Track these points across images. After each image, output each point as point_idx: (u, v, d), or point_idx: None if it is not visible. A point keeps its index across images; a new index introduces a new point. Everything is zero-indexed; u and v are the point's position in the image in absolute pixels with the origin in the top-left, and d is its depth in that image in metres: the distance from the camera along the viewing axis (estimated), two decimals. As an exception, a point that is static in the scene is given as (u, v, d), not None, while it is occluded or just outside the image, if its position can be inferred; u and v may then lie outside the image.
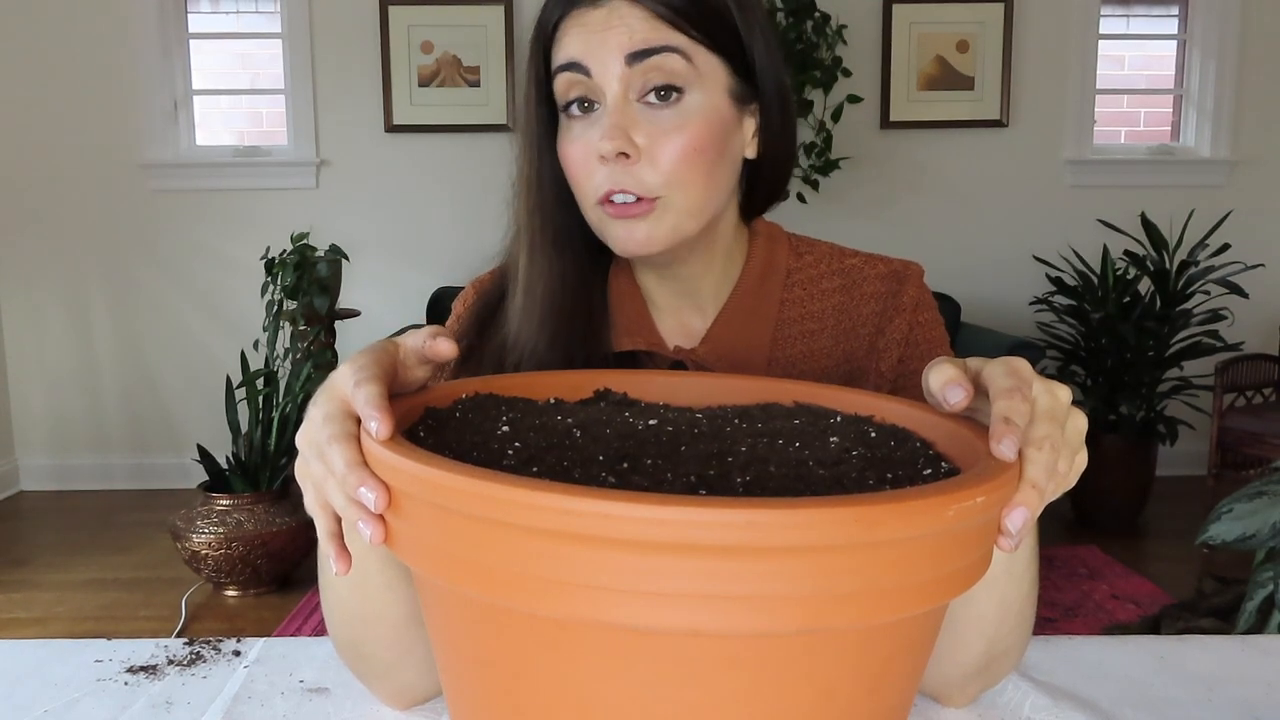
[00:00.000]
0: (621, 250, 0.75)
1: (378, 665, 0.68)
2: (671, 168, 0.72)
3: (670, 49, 0.71)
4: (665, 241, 0.74)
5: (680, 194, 0.73)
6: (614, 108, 0.72)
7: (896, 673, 0.44)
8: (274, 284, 2.88)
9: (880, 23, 3.70)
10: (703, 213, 0.75)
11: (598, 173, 0.73)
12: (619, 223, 0.73)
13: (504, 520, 0.38)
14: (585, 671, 0.41)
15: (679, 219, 0.74)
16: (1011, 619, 0.65)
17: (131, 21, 3.61)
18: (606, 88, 0.72)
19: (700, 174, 0.73)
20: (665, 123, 0.72)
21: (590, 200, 0.74)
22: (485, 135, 3.68)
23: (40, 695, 0.72)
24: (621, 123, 0.71)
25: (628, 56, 0.71)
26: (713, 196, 0.75)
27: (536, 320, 0.78)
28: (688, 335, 0.84)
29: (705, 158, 0.73)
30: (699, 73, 0.72)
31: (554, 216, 0.79)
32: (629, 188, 0.72)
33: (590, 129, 0.73)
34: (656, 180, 0.72)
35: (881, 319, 0.83)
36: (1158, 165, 3.82)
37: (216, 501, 2.66)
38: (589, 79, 0.72)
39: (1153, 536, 3.24)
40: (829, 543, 0.37)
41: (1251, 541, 1.52)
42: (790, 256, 0.85)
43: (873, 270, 0.84)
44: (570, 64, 0.73)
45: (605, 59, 0.71)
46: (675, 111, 0.72)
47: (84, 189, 3.69)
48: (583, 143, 0.73)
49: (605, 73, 0.72)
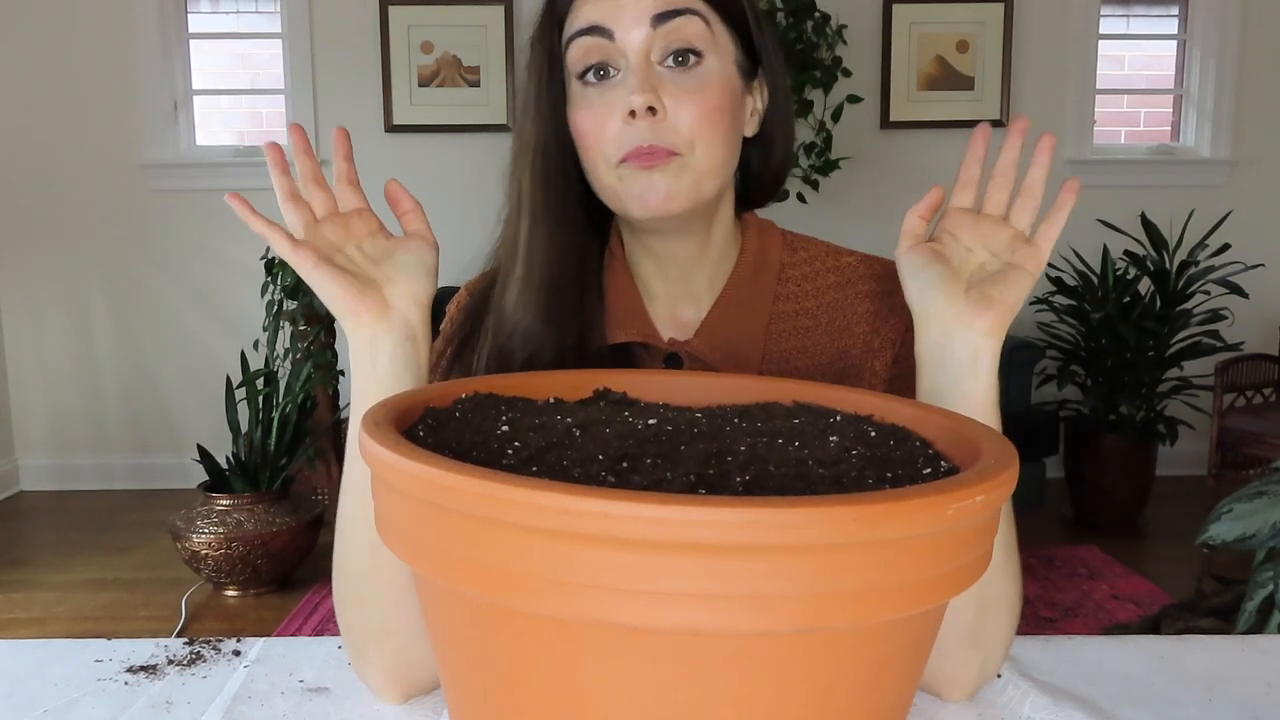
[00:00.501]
0: (641, 209, 0.75)
1: (375, 623, 0.68)
2: (695, 125, 0.74)
3: (694, 12, 0.74)
4: (685, 199, 0.75)
5: (703, 151, 0.74)
6: (639, 67, 0.73)
7: (896, 672, 0.45)
8: (274, 284, 2.88)
9: (880, 23, 3.70)
10: (719, 174, 0.77)
11: (621, 133, 0.74)
12: (642, 176, 0.74)
13: (504, 520, 0.38)
14: (585, 671, 0.41)
15: (698, 177, 0.75)
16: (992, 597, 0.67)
17: (131, 21, 3.61)
18: (629, 50, 0.74)
19: (720, 134, 0.75)
20: (687, 83, 0.74)
21: (610, 162, 0.75)
22: (485, 135, 3.68)
23: (40, 695, 0.72)
24: (650, 79, 0.73)
25: (654, 18, 0.73)
26: (728, 159, 0.78)
27: (532, 292, 0.78)
28: (681, 327, 0.84)
29: (725, 118, 0.75)
30: (715, 40, 0.75)
31: (560, 188, 0.79)
32: (655, 142, 0.73)
33: (609, 92, 0.74)
34: (682, 136, 0.74)
35: (876, 318, 0.83)
36: (1158, 165, 3.82)
37: (216, 501, 2.66)
38: (610, 43, 0.74)
39: (1153, 536, 3.24)
40: (828, 542, 0.37)
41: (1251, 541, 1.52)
42: (784, 251, 0.86)
43: (868, 269, 0.85)
44: (591, 28, 0.74)
45: (629, 21, 0.73)
46: (695, 75, 0.74)
47: (84, 189, 3.69)
48: (601, 106, 0.74)
49: (628, 35, 0.73)
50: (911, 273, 0.69)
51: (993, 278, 0.67)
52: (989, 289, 0.66)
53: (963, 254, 0.69)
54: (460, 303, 0.87)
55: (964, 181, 0.71)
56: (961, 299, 0.66)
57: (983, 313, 0.65)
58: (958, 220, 0.70)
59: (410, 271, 0.69)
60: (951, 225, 0.70)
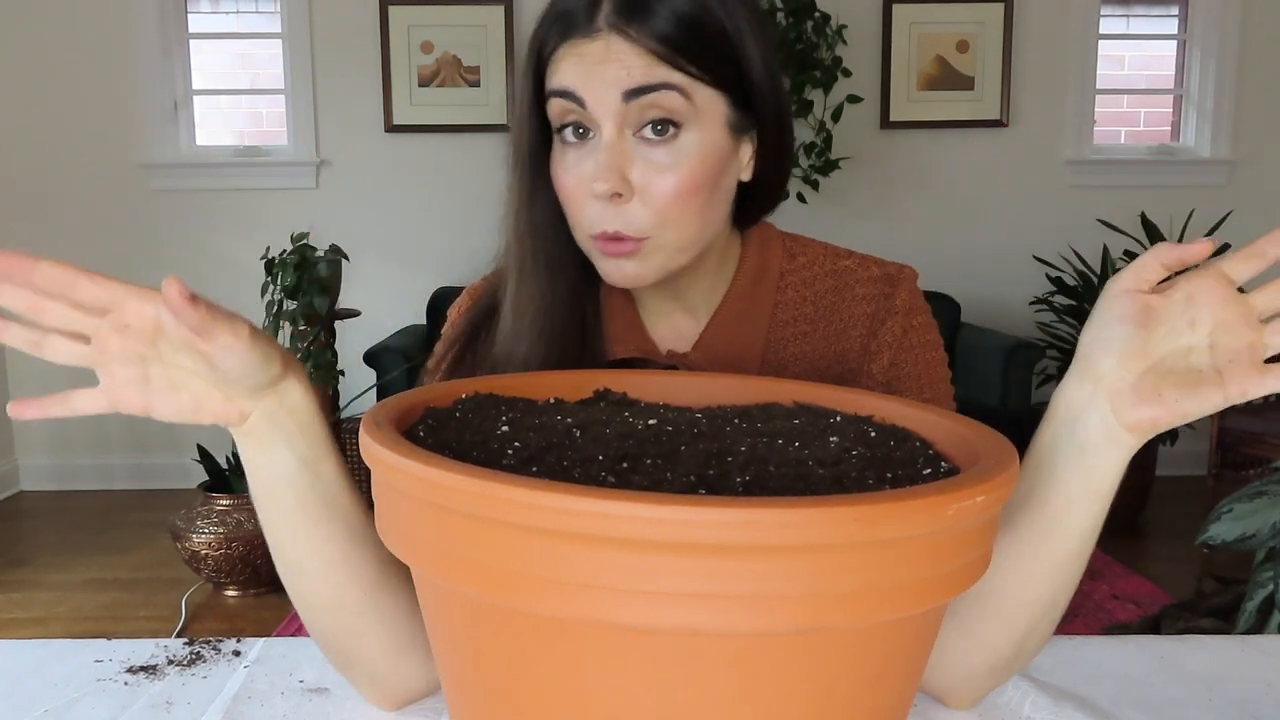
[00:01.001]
0: (611, 282, 0.75)
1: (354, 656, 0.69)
2: (664, 206, 0.71)
3: (669, 86, 0.69)
4: (655, 276, 0.74)
5: (672, 232, 0.72)
6: (608, 145, 0.70)
7: (896, 672, 0.45)
8: (274, 284, 2.87)
9: (880, 23, 3.70)
10: (694, 247, 0.75)
11: (590, 207, 0.72)
12: (609, 260, 0.73)
13: (504, 520, 0.38)
14: (585, 671, 0.41)
15: (669, 255, 0.73)
16: (1059, 605, 0.66)
17: (131, 21, 3.61)
18: (602, 121, 0.70)
19: (693, 213, 0.72)
20: (660, 160, 0.70)
21: (583, 232, 0.74)
22: (485, 135, 3.68)
23: (40, 695, 0.72)
24: (616, 161, 0.70)
25: (625, 93, 0.69)
26: (705, 231, 0.75)
27: (526, 344, 0.78)
28: (680, 340, 0.83)
29: (699, 197, 0.72)
30: (697, 109, 0.71)
31: (546, 239, 0.78)
32: (619, 229, 0.71)
33: (584, 160, 0.72)
34: (648, 220, 0.71)
35: (874, 321, 0.83)
36: (1158, 165, 3.82)
37: (216, 501, 2.66)
38: (583, 109, 0.71)
39: (1153, 536, 3.24)
40: (828, 542, 0.37)
41: (1251, 541, 1.52)
42: (784, 258, 0.85)
43: (866, 272, 0.84)
44: (565, 92, 0.71)
45: (601, 93, 0.69)
46: (671, 149, 0.70)
47: (84, 189, 3.69)
48: (576, 174, 0.72)
49: (600, 107, 0.70)
50: (1103, 318, 0.59)
51: (1183, 377, 0.57)
52: (1169, 388, 0.57)
53: (1179, 326, 0.58)
54: (462, 307, 0.86)
55: (1253, 253, 0.58)
56: (1132, 379, 0.58)
57: (1143, 408, 0.58)
58: (1209, 289, 0.58)
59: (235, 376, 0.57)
60: (1197, 290, 0.58)
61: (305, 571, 0.67)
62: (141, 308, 0.56)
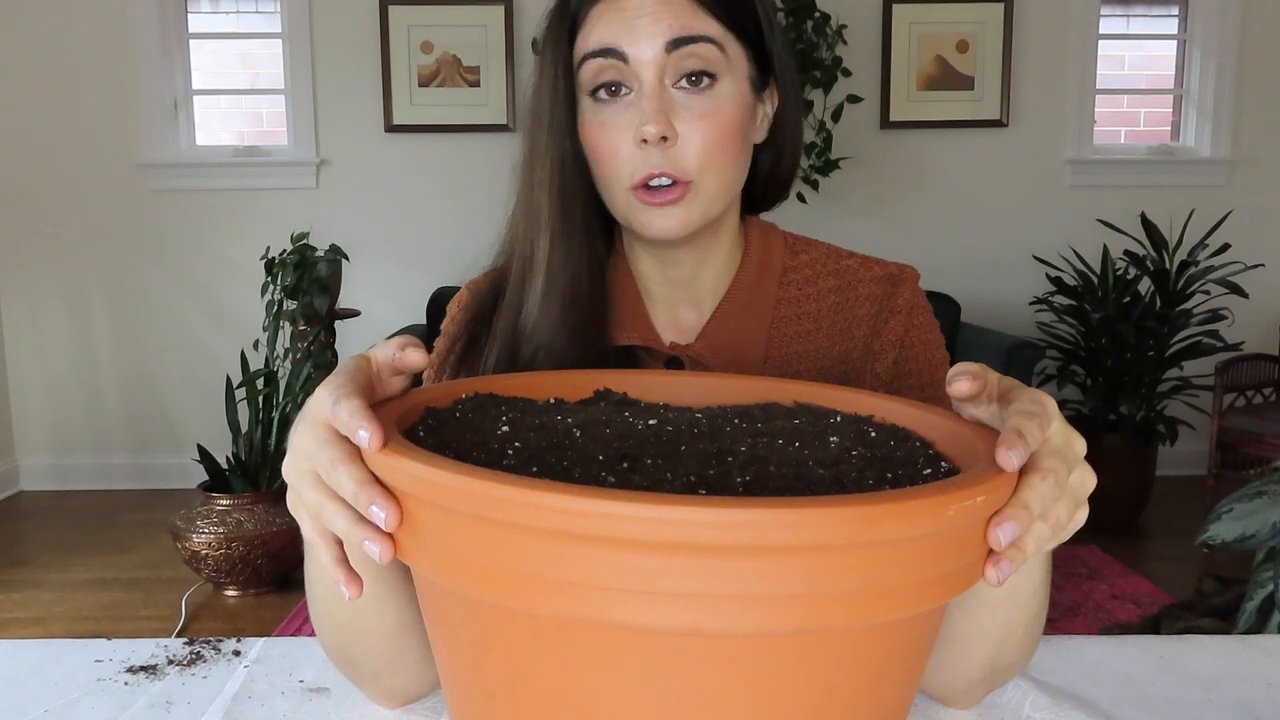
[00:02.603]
0: (653, 235, 0.76)
1: (367, 670, 0.68)
2: (706, 152, 0.73)
3: (707, 39, 0.73)
4: (696, 225, 0.76)
5: (712, 178, 0.75)
6: (652, 92, 0.73)
7: (896, 672, 0.45)
8: (274, 284, 2.88)
9: (880, 23, 3.70)
10: (728, 195, 0.77)
11: (633, 157, 0.73)
12: (653, 209, 0.74)
13: (504, 520, 0.38)
14: (585, 671, 0.41)
15: (709, 203, 0.75)
16: (1015, 638, 0.64)
17: (131, 21, 3.61)
18: (643, 73, 0.73)
19: (729, 159, 0.75)
20: (700, 108, 0.73)
21: (622, 185, 0.75)
22: (485, 135, 3.68)
23: (40, 695, 0.72)
24: (663, 107, 0.72)
25: (668, 43, 0.72)
26: (737, 179, 0.78)
27: (556, 310, 0.77)
28: (682, 331, 0.84)
29: (734, 143, 0.75)
30: (729, 61, 0.74)
31: (579, 200, 0.79)
32: (667, 170, 0.73)
33: (622, 114, 0.74)
34: (693, 163, 0.73)
35: (877, 321, 0.83)
36: (1158, 165, 3.82)
37: (216, 501, 2.66)
38: (624, 64, 0.73)
39: (1153, 536, 3.24)
40: (829, 542, 0.37)
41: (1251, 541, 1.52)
42: (786, 254, 0.85)
43: (869, 272, 0.84)
44: (605, 50, 0.73)
45: (644, 44, 0.72)
46: (708, 97, 0.74)
47: (84, 189, 3.69)
48: (614, 128, 0.74)
49: (642, 58, 0.72)
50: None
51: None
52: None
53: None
54: (463, 301, 0.86)
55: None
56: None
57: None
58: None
59: None
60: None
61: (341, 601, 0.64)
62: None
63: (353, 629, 0.65)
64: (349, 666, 0.69)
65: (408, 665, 0.67)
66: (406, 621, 0.65)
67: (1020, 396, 0.49)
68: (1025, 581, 0.61)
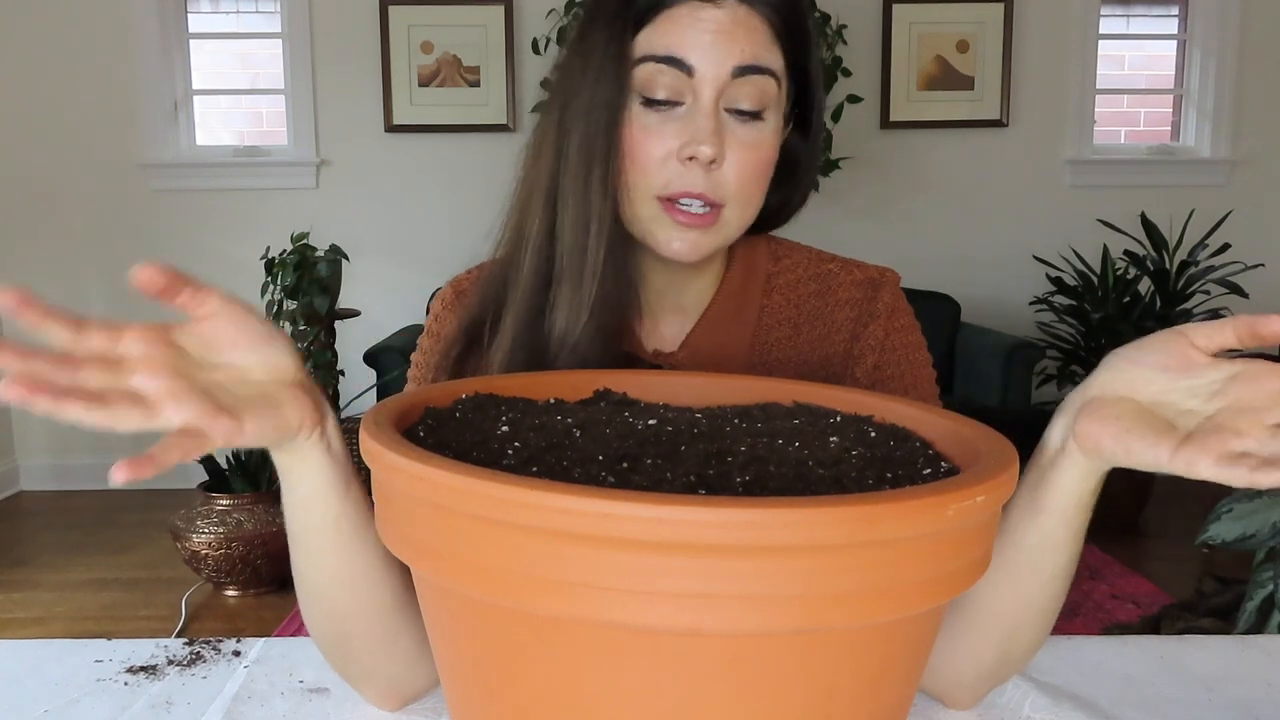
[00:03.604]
0: (666, 251, 0.74)
1: (363, 662, 0.68)
2: (742, 181, 0.73)
3: (771, 73, 0.72)
4: (710, 252, 0.75)
5: (739, 208, 0.74)
6: (710, 112, 0.71)
7: (896, 672, 0.45)
8: (274, 284, 2.87)
9: (880, 23, 3.70)
10: (746, 227, 0.77)
11: (670, 168, 0.72)
12: (676, 228, 0.73)
13: (504, 520, 0.38)
14: (585, 671, 0.41)
15: (728, 232, 0.75)
16: (1030, 622, 0.65)
17: (131, 21, 3.61)
18: (703, 90, 0.71)
19: (759, 192, 0.75)
20: (747, 137, 0.73)
21: (650, 193, 0.73)
22: (485, 135, 3.68)
23: (40, 695, 0.72)
24: (718, 129, 0.71)
25: (736, 68, 0.71)
26: (753, 217, 0.77)
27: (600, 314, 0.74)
28: (665, 340, 0.83)
29: (764, 179, 0.75)
30: (780, 97, 0.74)
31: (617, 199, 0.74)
32: (706, 192, 0.72)
33: (670, 123, 0.72)
34: (729, 191, 0.73)
35: (857, 324, 0.83)
36: (1158, 165, 3.82)
37: (216, 501, 2.66)
38: (686, 77, 0.71)
39: (1153, 536, 3.24)
40: (829, 542, 0.37)
41: (1251, 541, 1.52)
42: (769, 261, 0.85)
43: (848, 276, 0.84)
44: (671, 58, 0.71)
45: (712, 63, 0.70)
46: (756, 129, 0.73)
47: (84, 189, 3.69)
48: (658, 134, 0.72)
49: (706, 76, 0.71)
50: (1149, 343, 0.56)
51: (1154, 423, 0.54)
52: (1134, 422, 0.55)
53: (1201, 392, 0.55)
54: (446, 300, 0.84)
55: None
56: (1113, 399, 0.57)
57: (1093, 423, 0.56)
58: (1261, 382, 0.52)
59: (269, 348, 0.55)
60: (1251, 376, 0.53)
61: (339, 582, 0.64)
62: (144, 331, 0.49)
63: (346, 612, 0.65)
64: (346, 663, 0.68)
65: (403, 652, 0.67)
66: (399, 598, 0.65)
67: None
68: (1053, 558, 0.61)
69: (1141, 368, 0.56)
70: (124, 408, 0.46)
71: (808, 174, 0.83)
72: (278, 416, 0.54)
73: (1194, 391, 0.55)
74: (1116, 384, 0.57)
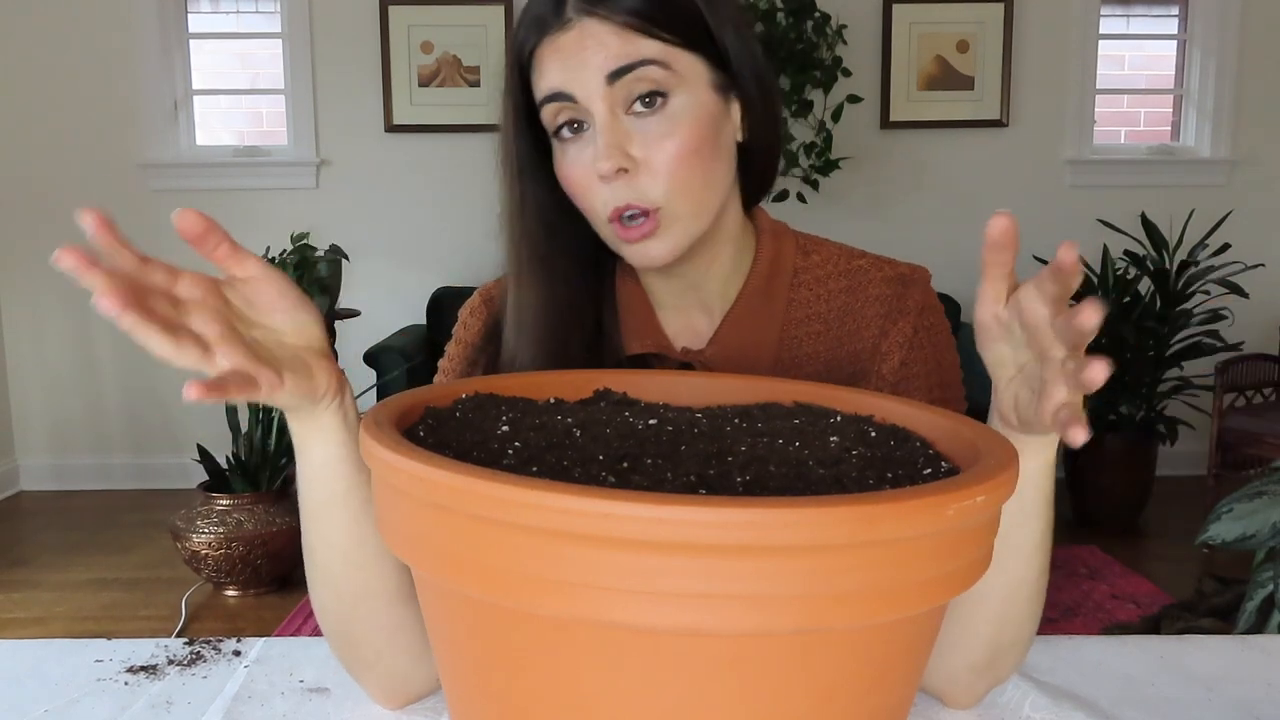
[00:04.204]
0: (640, 265, 0.77)
1: (367, 650, 0.68)
2: (670, 173, 0.72)
3: (647, 62, 0.72)
4: (680, 249, 0.75)
5: (681, 199, 0.73)
6: (604, 126, 0.72)
7: (896, 672, 0.45)
8: (274, 284, 2.87)
9: (880, 23, 3.70)
10: (707, 210, 0.76)
11: (601, 191, 0.73)
12: (632, 245, 0.74)
13: (504, 520, 0.38)
14: (585, 671, 0.41)
15: (686, 225, 0.75)
16: (1020, 605, 0.65)
17: (131, 21, 3.61)
18: (593, 108, 0.72)
19: (698, 174, 0.74)
20: (656, 129, 0.72)
21: (600, 218, 0.75)
22: (486, 135, 3.61)
23: (40, 695, 0.72)
24: (614, 140, 0.72)
25: (607, 76, 0.71)
26: (714, 192, 0.76)
27: (530, 343, 0.79)
28: (694, 336, 0.84)
29: (700, 157, 0.74)
30: (679, 75, 0.73)
31: (539, 244, 0.79)
32: (633, 201, 0.72)
33: (585, 149, 0.74)
34: (658, 189, 0.73)
35: (886, 321, 0.83)
36: (1158, 165, 3.82)
37: (216, 501, 2.66)
38: (575, 104, 0.73)
39: (1153, 536, 3.24)
40: (829, 542, 0.37)
41: (1251, 541, 1.52)
42: (797, 255, 0.85)
43: (879, 273, 0.84)
44: (554, 94, 0.73)
45: (586, 81, 0.72)
46: (663, 117, 0.73)
47: (84, 189, 3.68)
48: (580, 164, 0.74)
49: (589, 95, 0.72)
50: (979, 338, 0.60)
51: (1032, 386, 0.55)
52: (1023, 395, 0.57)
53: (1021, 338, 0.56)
54: (474, 308, 0.87)
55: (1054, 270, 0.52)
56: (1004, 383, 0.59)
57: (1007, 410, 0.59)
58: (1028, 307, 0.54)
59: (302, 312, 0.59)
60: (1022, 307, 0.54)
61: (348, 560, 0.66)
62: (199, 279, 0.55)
63: (354, 594, 0.66)
64: (349, 650, 0.68)
65: (405, 644, 0.67)
66: (405, 588, 0.66)
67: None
68: (1031, 527, 0.62)
69: (990, 354, 0.59)
70: (188, 343, 0.50)
71: (761, 126, 0.80)
72: (309, 379, 0.58)
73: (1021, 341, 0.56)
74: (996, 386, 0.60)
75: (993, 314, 0.57)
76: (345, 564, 0.65)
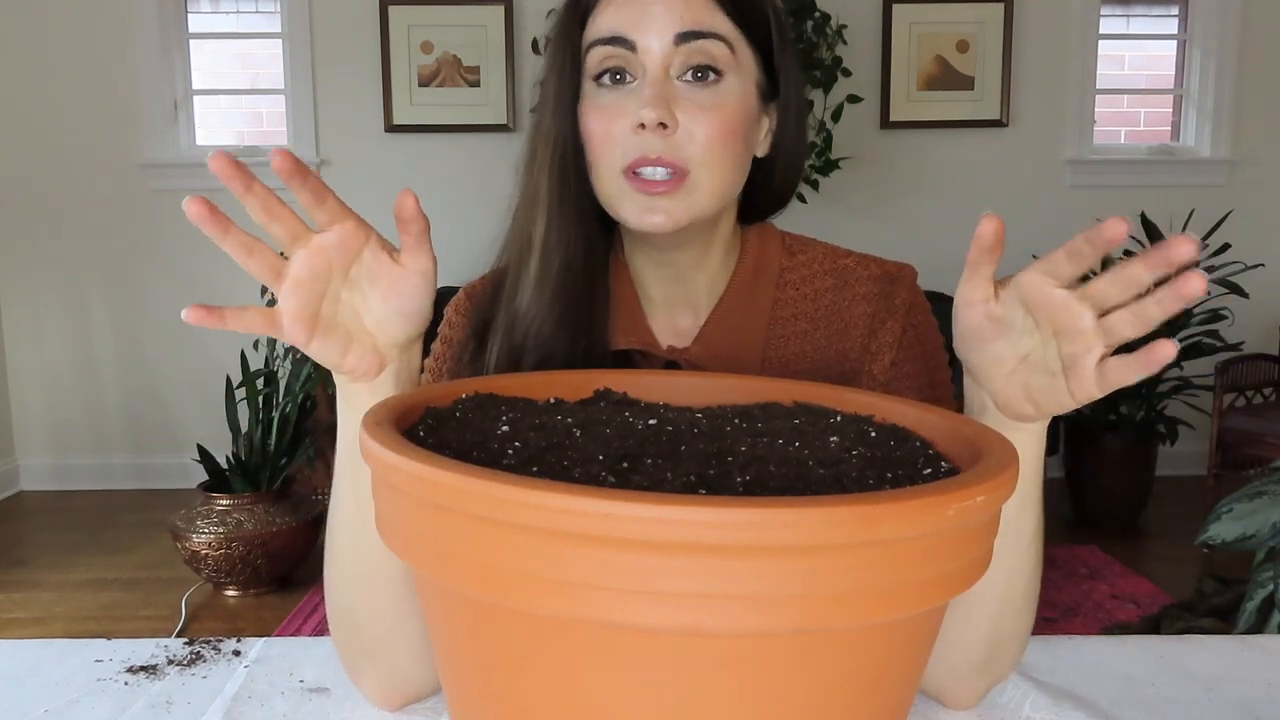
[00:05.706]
0: (636, 223, 0.74)
1: (370, 637, 0.68)
2: (707, 144, 0.73)
3: (717, 36, 0.73)
4: (684, 222, 0.74)
5: (708, 174, 0.74)
6: (656, 79, 0.72)
7: (896, 672, 0.44)
8: (274, 284, 2.87)
9: (880, 23, 3.70)
10: (722, 197, 0.76)
11: (627, 140, 0.73)
12: (643, 198, 0.73)
13: (504, 520, 0.38)
14: (585, 671, 0.41)
15: (701, 199, 0.74)
16: (1017, 596, 0.66)
17: (131, 21, 3.61)
18: (648, 62, 0.73)
19: (730, 156, 0.74)
20: (703, 101, 0.73)
21: (613, 169, 0.74)
22: (485, 135, 3.68)
23: (40, 695, 0.72)
24: (664, 95, 0.72)
25: (678, 35, 0.72)
26: (733, 182, 0.77)
27: (550, 293, 0.77)
28: (680, 334, 0.83)
29: (736, 140, 0.74)
30: (738, 61, 0.74)
31: (575, 185, 0.78)
32: (664, 155, 0.72)
33: (624, 98, 0.74)
34: (693, 152, 0.73)
35: (874, 320, 0.83)
36: (1158, 165, 3.82)
37: (216, 501, 2.66)
38: (631, 53, 0.73)
39: (1153, 536, 3.24)
40: (828, 542, 0.37)
41: (1251, 541, 1.52)
42: (783, 255, 0.85)
43: (865, 271, 0.84)
44: (614, 38, 0.73)
45: (653, 34, 0.72)
46: (713, 92, 0.73)
47: (84, 189, 3.69)
48: (613, 111, 0.74)
49: (650, 48, 0.73)
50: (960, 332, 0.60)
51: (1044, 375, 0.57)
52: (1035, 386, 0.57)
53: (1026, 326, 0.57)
54: (460, 306, 0.86)
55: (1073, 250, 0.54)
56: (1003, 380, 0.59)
57: (1015, 406, 0.59)
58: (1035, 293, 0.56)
59: (403, 317, 0.62)
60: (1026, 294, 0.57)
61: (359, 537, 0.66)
62: (357, 230, 0.61)
63: (363, 578, 0.66)
64: (353, 633, 0.68)
65: (405, 638, 0.67)
66: (410, 582, 0.66)
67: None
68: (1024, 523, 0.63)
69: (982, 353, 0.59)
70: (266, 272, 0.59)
71: (791, 149, 0.82)
72: (341, 356, 0.61)
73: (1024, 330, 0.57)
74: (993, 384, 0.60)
75: (985, 313, 0.58)
76: (357, 543, 0.66)
